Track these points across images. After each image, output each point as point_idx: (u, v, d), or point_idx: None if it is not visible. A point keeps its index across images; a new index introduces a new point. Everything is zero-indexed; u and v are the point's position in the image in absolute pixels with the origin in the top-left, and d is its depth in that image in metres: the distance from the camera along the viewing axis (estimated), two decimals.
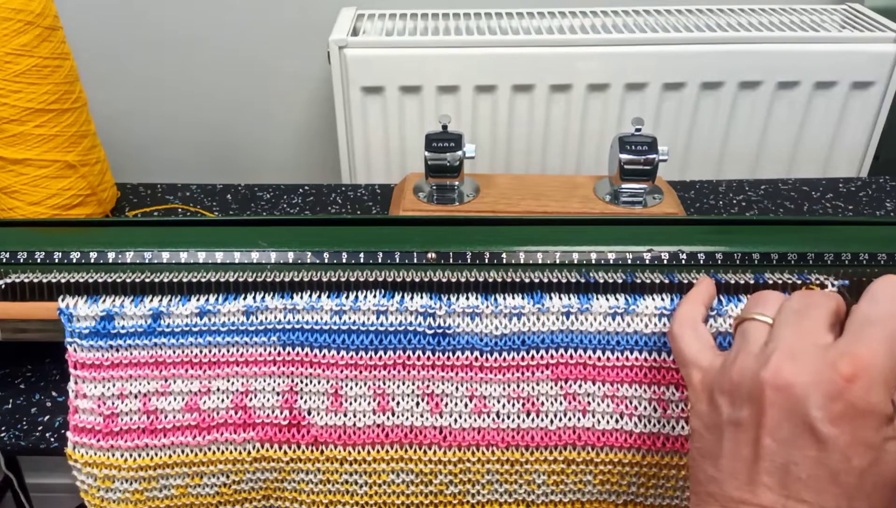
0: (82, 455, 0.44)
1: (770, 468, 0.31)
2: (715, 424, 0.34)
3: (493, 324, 0.43)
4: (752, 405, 0.32)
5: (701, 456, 0.34)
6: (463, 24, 0.91)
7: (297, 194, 0.78)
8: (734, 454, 0.32)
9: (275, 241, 0.46)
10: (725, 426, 0.33)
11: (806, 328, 0.33)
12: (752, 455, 0.31)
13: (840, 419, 0.30)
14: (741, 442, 0.32)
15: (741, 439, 0.32)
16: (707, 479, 0.33)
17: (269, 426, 0.44)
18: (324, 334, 0.43)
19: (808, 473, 0.30)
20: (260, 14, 1.00)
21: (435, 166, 0.67)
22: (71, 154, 0.67)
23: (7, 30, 0.61)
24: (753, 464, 0.31)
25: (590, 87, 0.88)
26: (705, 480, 0.34)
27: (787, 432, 0.31)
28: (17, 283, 0.44)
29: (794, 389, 0.30)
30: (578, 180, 0.72)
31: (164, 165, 1.12)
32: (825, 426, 0.30)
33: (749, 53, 0.86)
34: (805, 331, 0.33)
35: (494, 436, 0.43)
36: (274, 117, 1.09)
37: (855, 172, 0.95)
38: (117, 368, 0.44)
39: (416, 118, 0.90)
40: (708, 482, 0.33)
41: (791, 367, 0.31)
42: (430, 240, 0.47)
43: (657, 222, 0.51)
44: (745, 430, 0.32)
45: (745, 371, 0.33)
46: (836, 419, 0.30)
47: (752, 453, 0.31)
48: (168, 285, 0.44)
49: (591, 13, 0.94)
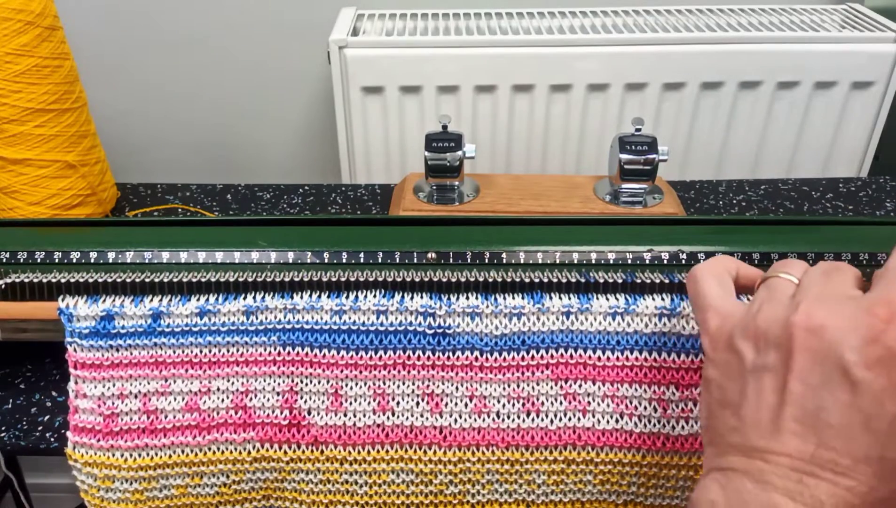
0: (82, 454, 0.44)
1: (798, 414, 0.30)
2: (737, 371, 0.32)
3: (493, 324, 0.43)
4: (780, 350, 0.30)
5: (720, 407, 0.33)
6: (463, 24, 0.91)
7: (297, 194, 0.78)
8: (758, 401, 0.31)
9: (275, 241, 0.46)
10: (749, 372, 0.32)
11: (835, 283, 0.32)
12: (778, 401, 0.30)
13: (876, 362, 0.28)
14: (766, 389, 0.31)
15: (766, 385, 0.31)
16: (728, 429, 0.32)
17: (269, 426, 0.44)
18: (324, 334, 0.43)
19: (839, 419, 0.29)
20: (260, 14, 1.00)
21: (435, 166, 0.67)
22: (71, 154, 0.67)
23: (7, 30, 0.61)
24: (779, 410, 0.30)
25: (590, 87, 0.88)
26: (726, 431, 0.32)
27: (818, 376, 0.29)
28: (17, 283, 0.44)
29: (827, 331, 0.29)
30: (578, 180, 0.72)
31: (164, 165, 1.12)
32: (860, 370, 0.28)
33: (749, 53, 0.86)
34: (834, 285, 0.32)
35: (494, 436, 0.43)
36: (274, 117, 1.09)
37: (855, 172, 0.95)
38: (117, 368, 0.44)
39: (416, 118, 0.90)
40: (729, 432, 0.32)
41: (824, 311, 0.30)
42: (430, 240, 0.47)
43: (657, 222, 0.51)
44: (771, 376, 0.31)
45: (773, 317, 0.31)
46: (872, 362, 0.28)
47: (777, 399, 0.30)
48: (168, 285, 0.44)
49: (591, 13, 0.94)
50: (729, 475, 0.31)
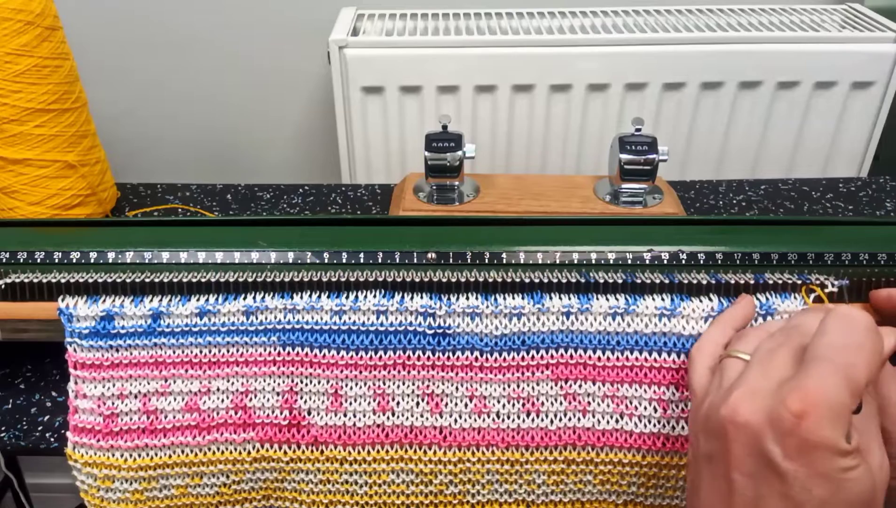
0: (82, 455, 0.44)
1: (742, 502, 0.31)
2: (694, 457, 0.35)
3: (493, 324, 0.42)
4: (720, 441, 0.32)
5: (690, 487, 0.35)
6: (463, 24, 0.91)
7: (297, 194, 0.78)
8: (711, 487, 0.33)
9: (275, 241, 0.46)
10: (701, 459, 0.34)
11: (774, 365, 0.33)
12: (727, 489, 0.32)
13: (796, 453, 0.30)
14: (716, 476, 0.33)
15: (715, 472, 0.33)
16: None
17: (269, 426, 0.44)
18: (324, 334, 0.43)
19: (776, 506, 0.30)
20: (260, 14, 1.00)
21: (435, 166, 0.67)
22: (71, 154, 0.67)
23: (7, 30, 0.61)
24: (728, 498, 0.32)
25: (590, 87, 0.88)
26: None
27: (752, 466, 0.31)
28: (17, 283, 0.44)
29: (750, 426, 0.31)
30: (578, 180, 0.72)
31: (164, 165, 1.12)
32: (783, 462, 0.30)
33: (749, 53, 0.86)
34: (772, 368, 0.33)
35: (494, 436, 0.43)
36: (274, 117, 1.09)
37: (855, 172, 0.95)
38: (117, 368, 0.44)
39: (416, 118, 0.90)
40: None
41: (747, 405, 0.31)
42: (430, 240, 0.47)
43: (657, 222, 0.51)
44: (716, 464, 0.33)
45: (713, 408, 0.33)
46: (793, 454, 0.30)
47: (726, 487, 0.32)
48: (168, 285, 0.44)
49: (591, 13, 0.94)
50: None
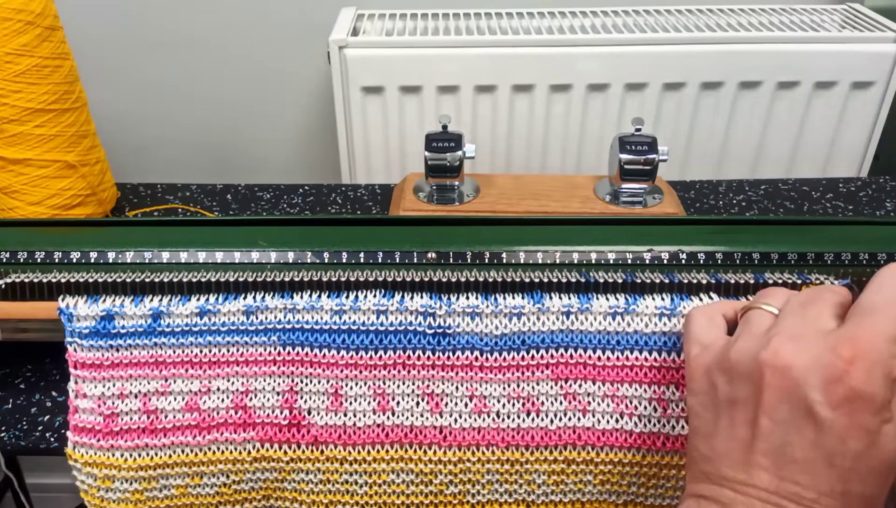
0: (82, 454, 0.44)
1: (766, 448, 0.31)
2: (711, 403, 0.34)
3: (493, 324, 0.43)
4: (751, 385, 0.32)
5: (695, 434, 0.34)
6: (463, 24, 0.91)
7: (297, 194, 0.78)
8: (730, 433, 0.32)
9: (275, 241, 0.46)
10: (722, 405, 0.33)
11: (810, 316, 0.33)
12: (749, 434, 0.31)
13: (839, 402, 0.29)
14: (737, 422, 0.32)
15: (738, 418, 0.32)
16: (701, 458, 0.33)
17: (269, 426, 0.44)
18: (324, 333, 0.43)
19: (804, 455, 0.30)
20: (260, 14, 1.00)
21: (435, 166, 0.67)
22: (71, 154, 0.67)
23: (7, 30, 0.61)
24: (749, 445, 0.31)
25: (590, 87, 0.88)
26: (699, 458, 0.33)
27: (785, 413, 0.30)
28: (17, 283, 0.44)
29: (793, 371, 0.30)
30: (578, 180, 0.72)
31: (164, 165, 1.12)
32: (824, 410, 0.30)
33: (749, 53, 0.86)
34: (808, 318, 0.32)
35: (494, 436, 0.43)
36: (274, 117, 1.09)
37: (855, 172, 0.95)
38: (117, 368, 0.44)
39: (416, 118, 0.90)
40: (702, 460, 0.33)
41: (791, 349, 0.31)
42: (430, 240, 0.47)
43: (657, 222, 0.51)
44: (742, 409, 0.32)
45: (745, 352, 0.32)
46: (836, 402, 0.29)
47: (748, 433, 0.31)
48: (168, 285, 0.44)
49: (591, 13, 0.94)
50: (702, 501, 0.32)
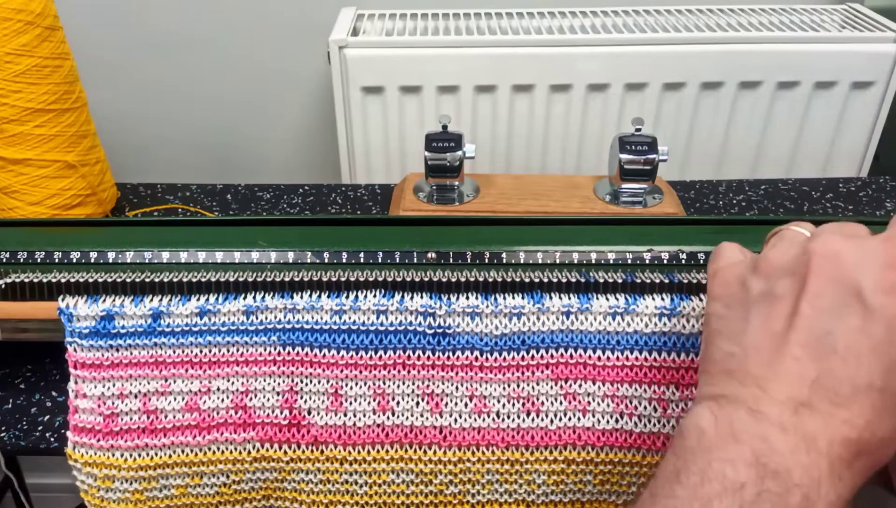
0: (82, 454, 0.44)
1: (803, 339, 0.29)
2: (740, 301, 0.32)
3: (493, 324, 0.42)
4: (795, 276, 0.30)
5: (719, 337, 0.32)
6: (463, 24, 0.91)
7: (297, 194, 0.78)
8: (763, 328, 0.30)
9: (275, 241, 0.46)
10: (755, 301, 0.31)
11: (850, 227, 0.32)
12: (785, 326, 0.29)
13: (892, 288, 0.28)
14: (773, 316, 0.30)
15: (774, 312, 0.30)
16: (725, 356, 0.31)
17: (269, 426, 0.44)
18: (324, 333, 0.43)
19: (846, 343, 0.28)
20: (260, 14, 1.00)
21: (435, 166, 0.67)
22: (71, 154, 0.67)
23: (7, 30, 0.61)
24: (784, 335, 0.29)
25: (590, 87, 0.88)
26: (722, 357, 0.31)
27: (831, 299, 0.29)
28: (17, 283, 0.44)
29: (844, 256, 0.29)
30: (578, 180, 0.72)
31: (164, 165, 1.12)
32: (875, 295, 0.28)
33: (749, 53, 0.86)
34: (849, 228, 0.31)
35: (494, 436, 0.43)
36: (274, 117, 1.09)
37: (855, 172, 0.95)
38: (117, 368, 0.44)
39: (416, 118, 0.90)
40: (726, 359, 0.31)
41: (842, 241, 0.30)
42: (430, 240, 0.47)
43: (657, 222, 0.51)
44: (780, 301, 0.30)
45: (788, 251, 0.31)
46: (888, 288, 0.28)
47: (784, 324, 0.29)
48: (168, 285, 0.44)
49: (591, 13, 0.94)
50: (722, 402, 0.30)
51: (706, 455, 0.28)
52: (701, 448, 0.29)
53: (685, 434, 0.30)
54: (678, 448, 0.30)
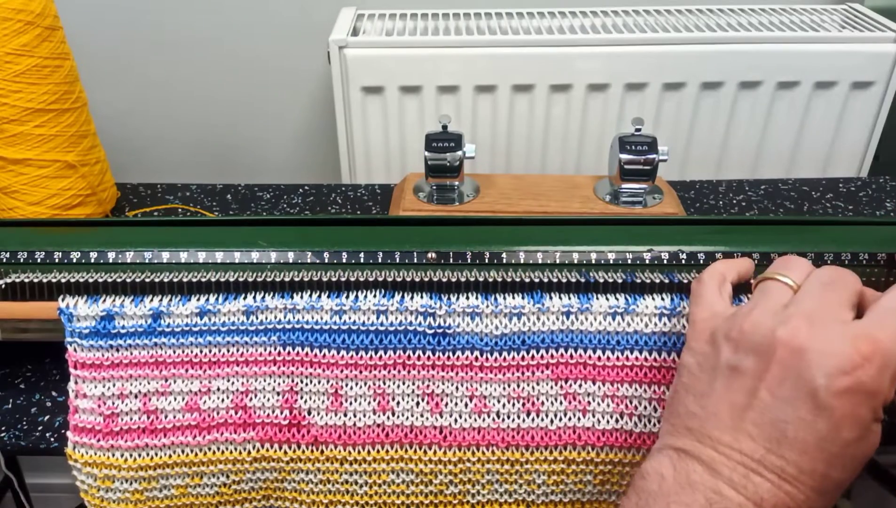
0: (82, 454, 0.44)
1: (758, 419, 0.31)
2: (711, 365, 0.34)
3: (493, 324, 0.42)
4: (759, 357, 0.32)
5: (685, 391, 0.35)
6: (463, 24, 0.91)
7: (297, 194, 0.78)
8: (724, 397, 0.33)
9: (275, 241, 0.46)
10: (722, 369, 0.33)
11: (829, 301, 0.33)
12: (744, 403, 0.32)
13: (844, 393, 0.30)
14: (735, 389, 0.33)
15: (736, 385, 0.33)
16: (687, 414, 0.34)
17: (269, 426, 0.44)
18: (324, 333, 0.43)
19: (796, 434, 0.31)
20: (260, 14, 1.00)
21: (435, 166, 0.67)
22: (71, 154, 0.67)
23: (7, 30, 0.61)
24: (743, 412, 0.32)
25: (590, 87, 0.88)
26: (685, 414, 0.34)
27: (788, 391, 0.31)
28: (17, 283, 0.44)
29: (807, 354, 0.31)
30: (578, 180, 0.72)
31: (164, 165, 1.12)
32: (827, 397, 0.30)
33: (749, 53, 0.86)
34: (828, 304, 0.33)
35: (494, 436, 0.43)
36: (274, 117, 1.09)
37: (855, 172, 0.95)
38: (117, 368, 0.44)
39: (416, 118, 0.90)
40: (688, 416, 0.34)
41: (809, 332, 0.31)
42: (430, 240, 0.47)
43: (657, 222, 0.51)
44: (742, 378, 0.32)
45: (760, 325, 0.33)
46: (841, 392, 0.30)
47: (744, 401, 0.32)
48: (168, 285, 0.44)
49: (591, 13, 0.94)
50: (682, 455, 0.33)
51: (665, 497, 0.32)
52: (661, 491, 0.32)
53: (647, 478, 0.33)
54: (640, 489, 0.34)
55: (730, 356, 0.33)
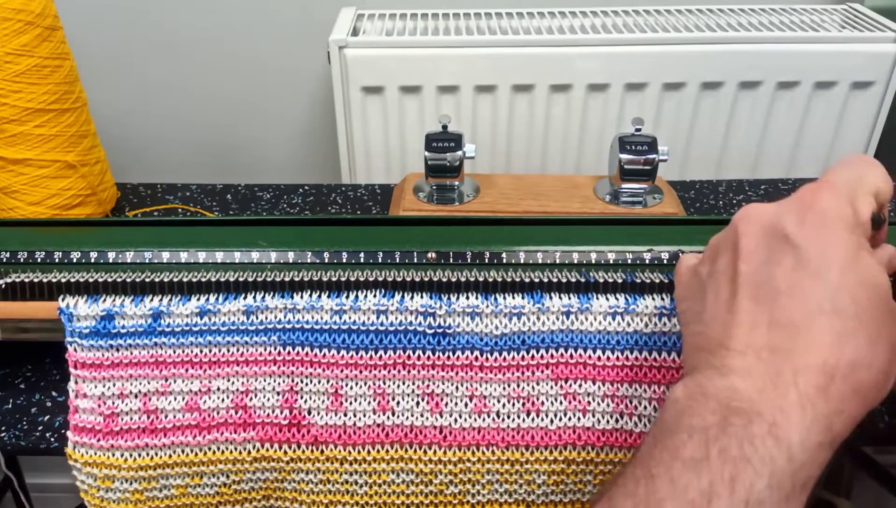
0: (82, 454, 0.44)
1: (749, 292, 0.31)
2: (697, 288, 0.35)
3: (493, 324, 0.43)
4: (728, 248, 0.33)
5: (688, 325, 0.35)
6: (463, 24, 0.91)
7: (297, 194, 0.78)
8: (715, 300, 0.33)
9: (275, 241, 0.46)
10: (705, 283, 0.34)
11: None
12: (732, 290, 0.32)
13: (813, 224, 0.31)
14: (721, 287, 0.33)
15: (721, 283, 0.33)
16: (693, 337, 0.34)
17: (269, 426, 0.44)
18: (324, 333, 0.43)
19: (787, 282, 0.30)
20: (260, 14, 1.00)
21: (435, 166, 0.67)
22: (71, 154, 0.67)
23: (7, 30, 0.61)
24: (732, 297, 0.32)
25: (590, 87, 0.88)
26: (692, 339, 0.34)
27: (763, 252, 0.31)
28: (17, 283, 0.44)
29: (765, 212, 0.32)
30: (578, 180, 0.72)
31: (164, 165, 1.12)
32: (800, 233, 0.31)
33: (749, 53, 0.86)
34: None
35: (494, 436, 0.43)
36: (274, 117, 1.09)
37: None
38: (117, 367, 0.44)
39: (416, 118, 0.90)
40: (695, 337, 0.33)
41: (759, 204, 0.33)
42: (430, 240, 0.47)
43: (657, 222, 0.51)
44: (723, 274, 0.33)
45: (720, 233, 0.35)
46: (809, 224, 0.31)
47: (730, 289, 0.32)
48: (168, 285, 0.44)
49: (591, 13, 0.94)
50: (693, 374, 0.32)
51: (678, 418, 0.30)
52: (674, 413, 0.30)
53: (662, 411, 0.32)
54: (654, 425, 0.32)
55: (707, 268, 0.34)
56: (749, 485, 0.26)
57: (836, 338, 0.29)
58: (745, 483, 0.26)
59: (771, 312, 0.30)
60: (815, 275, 0.30)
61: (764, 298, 0.31)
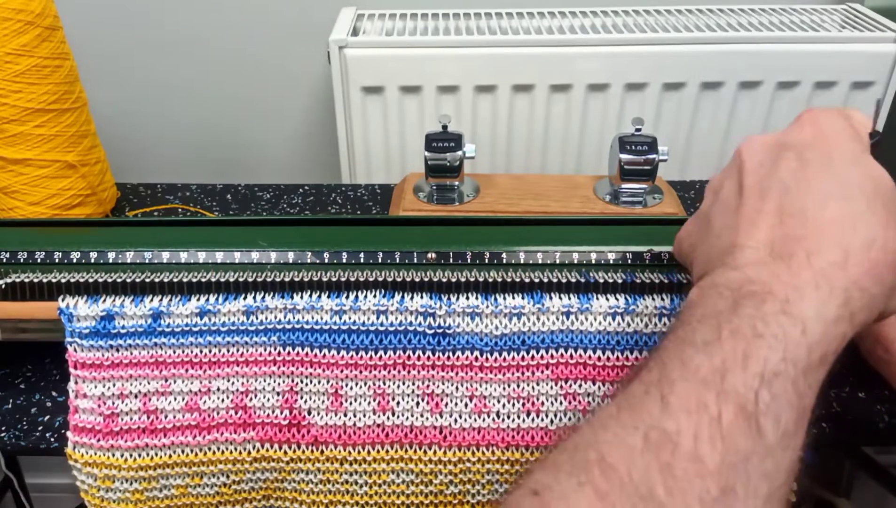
0: (82, 454, 0.44)
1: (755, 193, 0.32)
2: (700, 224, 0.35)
3: (493, 324, 0.42)
4: (733, 173, 0.34)
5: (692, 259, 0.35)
6: (463, 24, 0.91)
7: (297, 194, 0.78)
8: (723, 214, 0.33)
9: (275, 241, 0.46)
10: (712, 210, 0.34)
11: None
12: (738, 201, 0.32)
13: (814, 134, 0.32)
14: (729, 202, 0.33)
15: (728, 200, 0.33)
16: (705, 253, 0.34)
17: (269, 426, 0.44)
18: (324, 333, 0.43)
19: (794, 180, 0.31)
20: (260, 14, 1.00)
21: (435, 166, 0.67)
22: (71, 154, 0.67)
23: (7, 30, 0.61)
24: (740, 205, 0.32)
25: (590, 87, 0.88)
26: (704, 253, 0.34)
27: (767, 163, 0.32)
28: (17, 283, 0.44)
29: (761, 137, 0.34)
30: (578, 180, 0.72)
31: (164, 165, 1.12)
32: (798, 140, 0.32)
33: (749, 53, 0.86)
34: None
35: (494, 436, 0.43)
36: (274, 117, 1.08)
37: None
38: (117, 368, 0.44)
39: (416, 118, 0.90)
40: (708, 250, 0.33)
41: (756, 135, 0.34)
42: (430, 240, 0.47)
43: (657, 222, 0.51)
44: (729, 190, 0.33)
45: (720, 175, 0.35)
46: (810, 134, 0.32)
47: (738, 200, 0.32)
48: (168, 285, 0.44)
49: (591, 13, 0.94)
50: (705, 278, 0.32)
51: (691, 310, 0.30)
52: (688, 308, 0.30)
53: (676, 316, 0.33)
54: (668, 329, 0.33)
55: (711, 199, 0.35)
56: (763, 360, 0.26)
57: (848, 219, 0.29)
58: (758, 358, 0.26)
59: (780, 206, 0.30)
60: (820, 169, 0.31)
61: (771, 195, 0.31)
